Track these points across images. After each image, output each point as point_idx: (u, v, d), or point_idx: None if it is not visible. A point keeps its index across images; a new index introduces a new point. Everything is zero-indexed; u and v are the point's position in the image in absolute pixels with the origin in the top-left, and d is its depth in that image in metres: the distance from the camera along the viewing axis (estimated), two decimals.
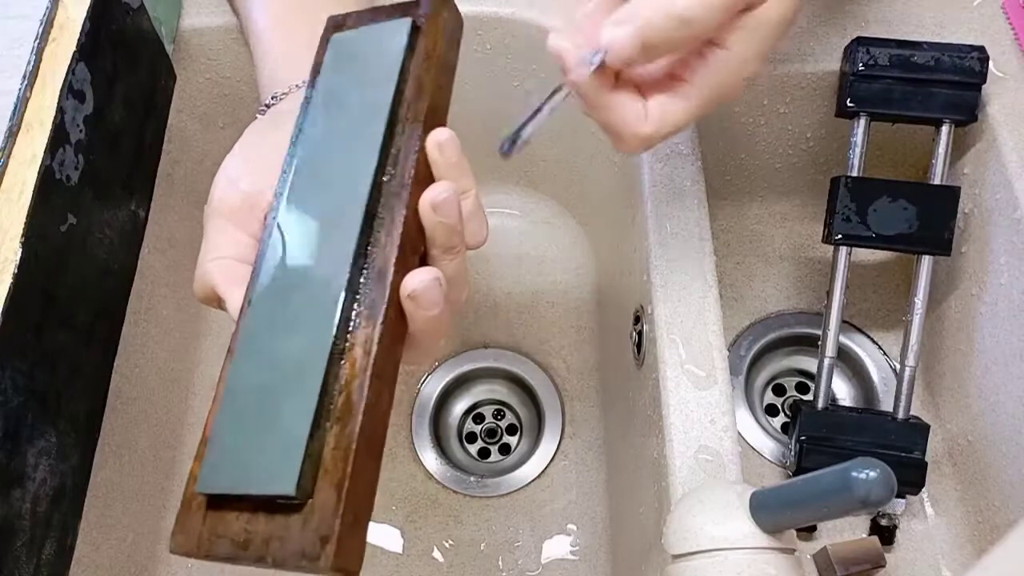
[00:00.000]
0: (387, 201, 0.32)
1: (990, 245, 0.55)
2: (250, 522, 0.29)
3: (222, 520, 0.30)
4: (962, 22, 0.58)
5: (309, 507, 0.28)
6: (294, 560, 0.28)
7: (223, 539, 0.30)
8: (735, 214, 0.70)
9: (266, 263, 0.33)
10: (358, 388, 0.29)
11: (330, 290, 0.31)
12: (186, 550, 0.30)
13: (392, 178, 0.33)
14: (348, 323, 0.31)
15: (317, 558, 0.28)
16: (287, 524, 0.28)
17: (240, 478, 0.29)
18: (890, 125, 0.57)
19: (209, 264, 0.37)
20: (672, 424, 0.45)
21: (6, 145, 0.43)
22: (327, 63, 0.37)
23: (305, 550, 0.28)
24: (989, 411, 0.56)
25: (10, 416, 0.41)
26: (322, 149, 0.35)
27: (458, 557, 0.62)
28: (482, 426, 0.68)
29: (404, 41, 0.35)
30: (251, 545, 0.29)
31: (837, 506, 0.32)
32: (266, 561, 0.29)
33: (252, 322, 0.32)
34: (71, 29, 0.47)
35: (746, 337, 0.66)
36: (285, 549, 0.28)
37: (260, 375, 0.31)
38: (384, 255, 0.31)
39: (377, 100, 0.34)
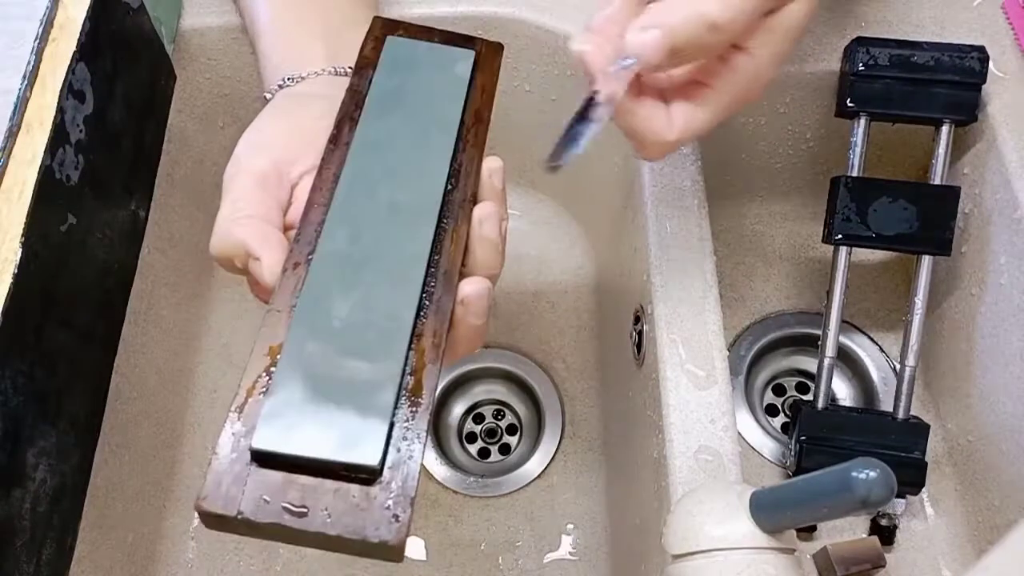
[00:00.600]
0: (451, 210, 0.35)
1: (990, 245, 0.55)
2: (308, 489, 0.28)
3: (271, 483, 0.28)
4: (962, 22, 0.58)
5: (382, 482, 0.28)
6: (364, 534, 0.27)
7: (271, 505, 0.27)
8: (735, 214, 0.70)
9: (329, 234, 0.33)
10: (429, 374, 0.30)
11: (406, 276, 0.32)
12: (222, 512, 0.27)
13: (455, 190, 0.36)
14: (420, 313, 0.32)
15: (389, 536, 0.27)
16: (359, 497, 0.28)
17: (311, 441, 0.28)
18: (890, 125, 0.57)
19: (236, 221, 0.36)
20: (672, 424, 0.45)
21: (6, 145, 0.43)
22: (384, 63, 0.39)
23: (379, 526, 0.27)
24: (989, 411, 0.56)
25: (10, 416, 0.41)
26: (386, 144, 0.36)
27: (458, 557, 0.62)
28: (482, 426, 0.68)
29: (469, 70, 0.40)
30: (308, 515, 0.27)
31: (837, 506, 0.32)
32: (323, 535, 0.27)
33: (313, 288, 0.32)
34: (71, 29, 0.47)
35: (746, 337, 0.66)
36: (352, 523, 0.27)
37: (328, 342, 0.30)
38: (450, 259, 0.34)
39: (446, 116, 0.38)
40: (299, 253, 0.33)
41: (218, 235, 0.36)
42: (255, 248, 0.35)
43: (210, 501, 0.28)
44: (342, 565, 0.62)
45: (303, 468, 0.28)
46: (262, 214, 0.36)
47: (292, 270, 0.33)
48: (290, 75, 0.43)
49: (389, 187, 0.35)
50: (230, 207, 0.37)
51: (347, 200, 0.35)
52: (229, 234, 0.36)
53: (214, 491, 0.28)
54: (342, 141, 0.37)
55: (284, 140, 0.39)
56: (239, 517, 0.27)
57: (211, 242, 0.37)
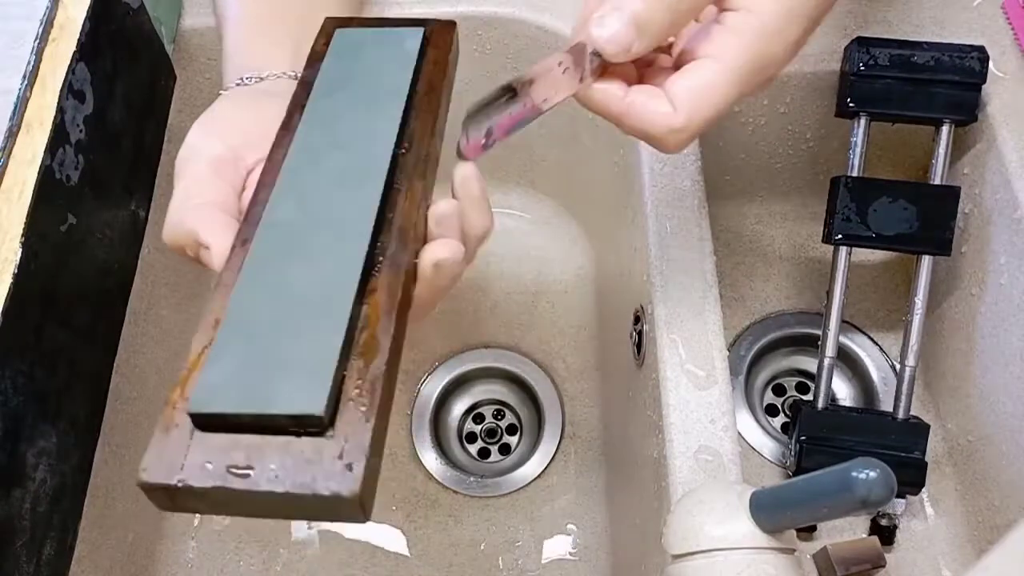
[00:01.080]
0: (404, 172, 0.34)
1: (990, 245, 0.55)
2: (253, 447, 0.26)
3: (214, 446, 0.26)
4: (962, 22, 0.58)
5: (332, 435, 0.26)
6: (314, 488, 0.25)
7: (216, 467, 0.26)
8: (735, 214, 0.70)
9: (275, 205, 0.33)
10: (384, 327, 0.29)
11: (353, 235, 0.32)
12: (163, 482, 0.26)
13: (408, 152, 0.35)
14: (372, 268, 0.31)
15: (342, 488, 0.25)
16: (308, 451, 0.26)
17: (251, 397, 0.27)
18: (890, 125, 0.57)
19: (188, 209, 0.35)
20: (672, 424, 0.45)
21: (6, 145, 0.43)
22: (333, 51, 0.39)
23: (330, 479, 0.25)
24: (989, 411, 0.56)
25: (10, 416, 0.41)
26: (333, 119, 0.36)
27: (458, 557, 0.62)
28: (482, 426, 0.68)
29: (418, 42, 0.39)
30: (254, 474, 0.26)
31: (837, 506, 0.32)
32: (272, 494, 0.25)
33: (257, 257, 0.32)
34: (71, 29, 0.47)
35: (746, 337, 0.66)
36: (301, 478, 0.25)
37: (270, 304, 0.30)
38: (404, 215, 0.33)
39: (394, 85, 0.37)
40: (247, 231, 0.33)
41: (170, 223, 0.36)
42: (204, 236, 0.34)
43: (150, 472, 0.26)
44: (342, 565, 0.62)
45: (247, 427, 0.27)
46: (216, 200, 0.36)
47: (240, 247, 0.32)
48: (250, 74, 0.42)
49: (336, 157, 0.35)
50: (182, 194, 0.36)
51: (293, 173, 0.34)
52: (181, 223, 0.35)
53: (155, 463, 0.26)
54: (292, 126, 0.37)
55: (240, 127, 0.38)
56: (180, 485, 0.26)
57: (165, 228, 0.36)
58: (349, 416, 0.27)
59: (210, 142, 0.37)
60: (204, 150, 0.37)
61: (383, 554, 0.62)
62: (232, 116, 0.39)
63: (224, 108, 0.40)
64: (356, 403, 0.27)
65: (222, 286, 0.31)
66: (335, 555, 0.62)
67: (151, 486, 0.26)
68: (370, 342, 0.29)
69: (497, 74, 0.63)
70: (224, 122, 0.39)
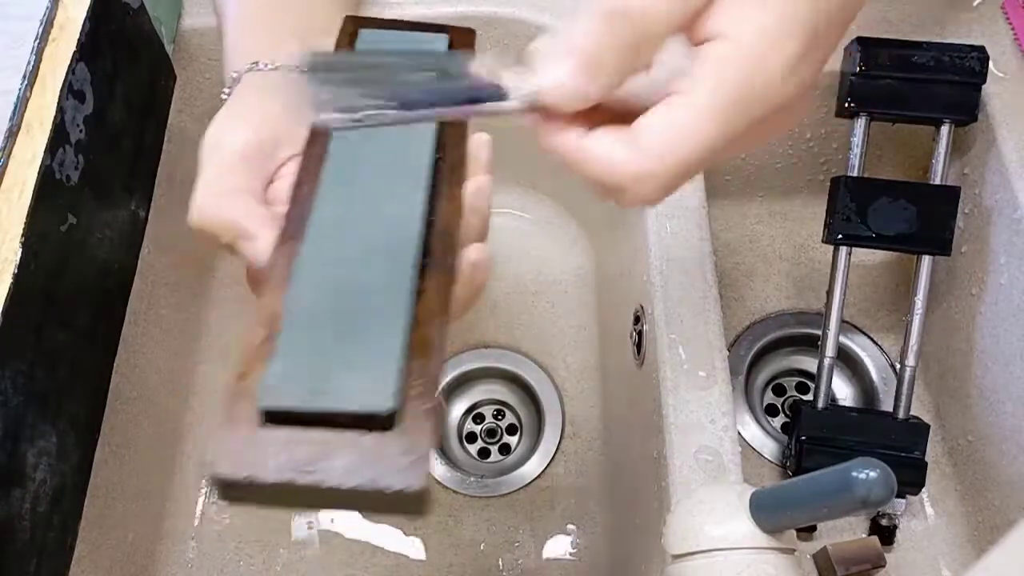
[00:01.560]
0: (443, 176, 0.35)
1: (990, 245, 0.55)
2: (320, 443, 0.27)
3: (281, 440, 0.27)
4: (962, 22, 0.58)
5: (397, 432, 0.27)
6: (382, 483, 0.26)
7: (284, 462, 0.26)
8: (735, 214, 0.70)
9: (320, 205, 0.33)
10: (436, 327, 0.30)
11: (403, 237, 0.32)
12: (232, 476, 0.26)
13: (443, 159, 0.36)
14: (422, 268, 0.32)
15: (409, 484, 0.26)
16: (374, 447, 0.26)
17: (320, 394, 0.27)
18: (890, 125, 0.57)
19: (222, 195, 0.34)
20: (672, 424, 0.45)
21: (6, 145, 0.43)
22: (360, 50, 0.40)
23: (396, 474, 0.26)
24: (989, 411, 0.56)
25: (10, 416, 0.41)
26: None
27: (458, 557, 0.62)
28: (482, 426, 0.68)
29: (445, 47, 0.40)
30: (323, 469, 0.26)
31: (837, 506, 0.32)
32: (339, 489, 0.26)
33: (309, 255, 0.32)
34: (71, 29, 0.47)
35: (746, 337, 0.66)
36: (369, 473, 0.26)
37: (328, 302, 0.30)
38: (446, 219, 0.34)
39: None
40: (292, 227, 0.33)
41: (202, 209, 0.34)
42: (250, 227, 0.34)
43: (219, 466, 0.26)
44: (342, 565, 0.62)
45: (314, 422, 0.27)
46: (248, 188, 0.35)
47: (286, 243, 0.33)
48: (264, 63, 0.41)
49: (378, 158, 0.35)
50: (213, 178, 0.35)
51: (336, 173, 0.35)
52: (217, 209, 0.34)
53: (222, 457, 0.26)
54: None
55: (270, 117, 0.38)
56: (249, 479, 0.26)
57: (193, 212, 0.35)
58: (411, 414, 0.27)
59: (240, 129, 0.37)
60: (233, 137, 0.36)
61: (383, 554, 0.62)
62: (262, 104, 0.38)
63: (252, 94, 0.39)
64: (417, 401, 0.28)
65: (274, 280, 0.31)
66: (335, 555, 0.62)
67: (221, 480, 0.26)
68: (425, 341, 0.30)
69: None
70: (254, 109, 0.38)
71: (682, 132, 0.28)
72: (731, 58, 0.28)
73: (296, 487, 0.26)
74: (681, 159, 0.28)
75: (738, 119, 0.28)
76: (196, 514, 0.63)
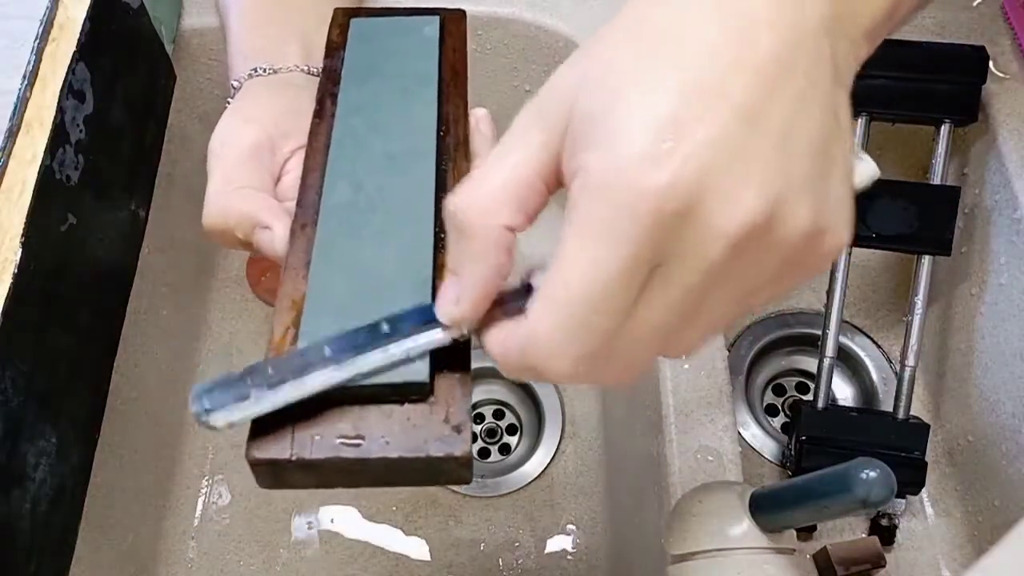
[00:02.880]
0: (448, 154, 0.35)
1: (990, 245, 0.55)
2: (360, 418, 0.26)
3: (319, 418, 0.26)
4: (962, 22, 0.58)
5: (435, 401, 0.27)
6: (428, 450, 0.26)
7: (325, 439, 0.26)
8: None
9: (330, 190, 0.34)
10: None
11: (417, 215, 0.32)
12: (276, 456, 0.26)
13: (447, 135, 0.36)
14: (439, 245, 0.32)
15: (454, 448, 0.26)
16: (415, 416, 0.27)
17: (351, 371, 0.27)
18: (890, 125, 0.57)
19: (234, 192, 0.35)
20: (672, 424, 0.45)
21: (6, 145, 0.43)
22: (353, 40, 0.40)
23: (441, 439, 0.26)
24: (989, 411, 0.56)
25: (10, 416, 0.41)
26: (370, 105, 0.37)
27: (458, 557, 0.62)
28: (482, 426, 0.68)
29: (437, 30, 0.40)
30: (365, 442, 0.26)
31: (837, 506, 0.32)
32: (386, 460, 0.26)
33: (325, 239, 0.32)
34: (71, 29, 0.47)
35: (746, 337, 0.66)
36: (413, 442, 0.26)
37: (350, 284, 0.30)
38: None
39: (422, 70, 0.38)
40: (304, 215, 0.33)
41: (216, 206, 0.35)
42: (264, 218, 0.34)
43: (261, 448, 0.26)
44: (342, 565, 0.62)
45: (350, 399, 0.27)
46: (258, 185, 0.36)
47: (300, 231, 0.33)
48: (263, 66, 0.42)
49: (381, 141, 0.35)
50: (223, 178, 0.36)
51: (342, 158, 0.35)
52: (229, 205, 0.35)
53: (261, 438, 0.26)
54: (326, 113, 0.37)
55: (274, 116, 0.38)
56: (294, 459, 0.26)
57: (206, 214, 0.35)
58: (446, 384, 0.28)
59: (246, 129, 0.37)
60: (240, 136, 0.37)
61: (383, 554, 0.62)
62: (265, 104, 0.39)
63: (252, 99, 0.40)
64: (449, 371, 0.28)
65: (292, 269, 0.31)
66: (335, 555, 0.62)
67: (262, 461, 0.26)
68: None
69: (496, 74, 0.63)
70: (258, 109, 0.39)
71: (556, 268, 0.23)
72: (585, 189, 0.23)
73: (341, 463, 0.26)
74: (519, 358, 0.24)
75: (573, 330, 0.22)
76: (196, 514, 0.63)
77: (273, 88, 0.41)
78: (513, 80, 0.63)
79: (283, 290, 0.31)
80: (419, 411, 0.27)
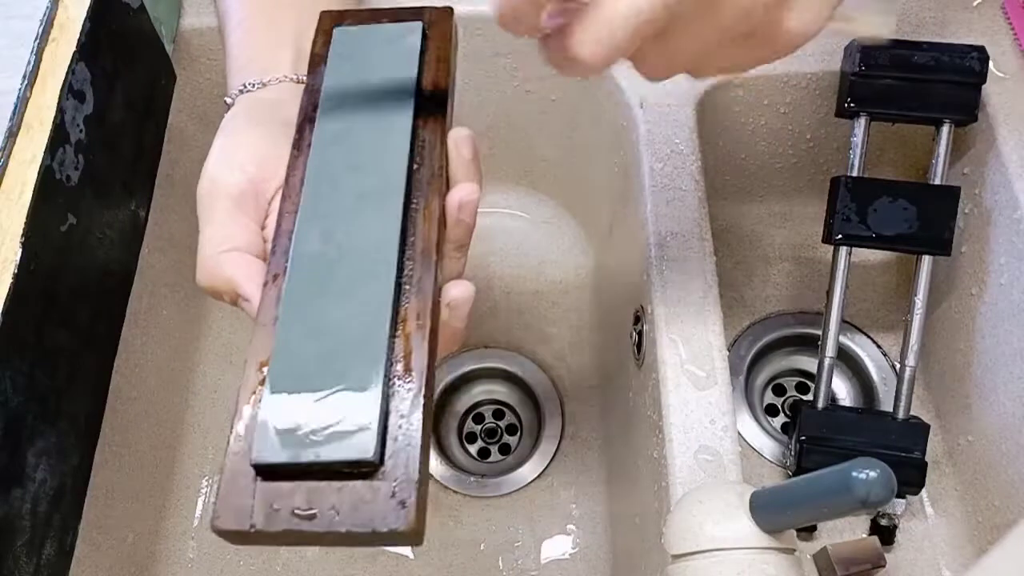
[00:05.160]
0: (420, 189, 0.34)
1: (990, 245, 0.55)
2: (313, 492, 0.28)
3: (277, 492, 0.28)
4: (962, 22, 0.58)
5: (383, 474, 0.28)
6: (372, 526, 0.27)
7: (280, 512, 0.28)
8: (735, 214, 0.70)
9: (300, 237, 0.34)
10: (417, 358, 0.31)
11: (379, 264, 0.32)
12: (236, 528, 0.28)
13: (421, 167, 0.35)
14: (400, 295, 0.32)
15: (398, 524, 0.27)
16: (361, 490, 0.28)
17: (307, 446, 0.29)
18: (890, 125, 0.57)
19: (222, 255, 0.36)
20: (672, 424, 0.45)
21: (6, 145, 0.43)
22: (334, 55, 0.39)
23: (386, 516, 0.28)
24: (989, 411, 0.56)
25: (10, 416, 0.41)
26: (344, 135, 0.36)
27: (458, 557, 0.62)
28: (482, 426, 0.68)
29: (418, 41, 0.38)
30: (317, 516, 0.28)
31: (837, 506, 0.32)
32: (335, 533, 0.28)
33: (292, 295, 0.32)
34: (71, 29, 0.47)
35: (746, 337, 0.66)
36: (360, 517, 0.28)
37: (311, 345, 0.31)
38: (426, 237, 0.33)
39: (400, 89, 0.37)
40: (276, 264, 0.33)
41: (206, 269, 0.36)
42: (244, 288, 0.35)
43: (224, 519, 0.28)
44: (342, 564, 0.62)
45: (305, 473, 0.29)
46: (246, 244, 0.36)
47: (272, 282, 0.33)
48: (253, 80, 0.42)
49: (353, 178, 0.35)
50: (212, 239, 0.36)
51: (314, 201, 0.35)
52: (218, 270, 0.36)
53: (225, 510, 0.28)
54: (304, 144, 0.37)
55: (258, 156, 0.38)
56: (253, 530, 0.28)
57: (198, 275, 0.36)
58: (396, 452, 0.29)
59: (231, 175, 0.38)
60: (225, 185, 0.37)
61: (383, 554, 0.62)
62: (248, 143, 0.39)
63: (238, 134, 0.40)
64: (402, 440, 0.29)
65: (261, 326, 0.32)
66: (335, 555, 0.62)
67: (226, 532, 0.28)
68: (405, 374, 0.30)
69: (497, 74, 0.63)
70: (242, 150, 0.39)
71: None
72: None
73: (296, 533, 0.28)
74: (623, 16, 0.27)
75: None
76: (196, 514, 0.63)
77: (259, 112, 0.41)
78: (513, 80, 0.63)
79: (251, 348, 0.31)
80: (369, 486, 0.28)
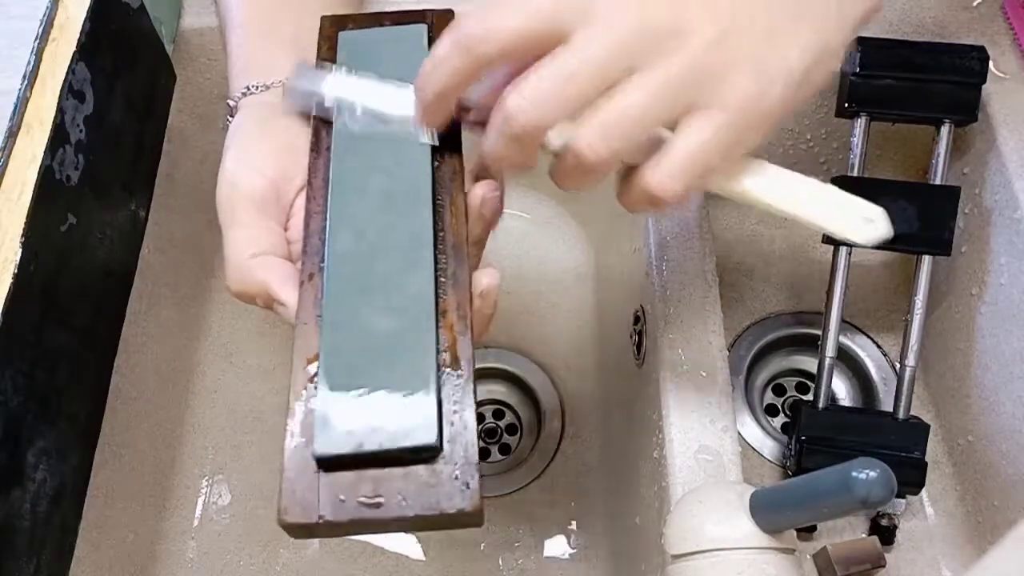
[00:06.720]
0: (444, 186, 0.35)
1: (990, 245, 0.55)
2: (379, 480, 0.29)
3: (342, 483, 0.29)
4: (962, 22, 0.58)
5: (444, 458, 0.29)
6: (440, 508, 0.28)
7: (347, 503, 0.29)
8: (735, 214, 0.70)
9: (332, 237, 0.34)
10: (462, 347, 0.32)
11: (416, 259, 0.33)
12: (304, 521, 0.29)
13: (442, 165, 0.36)
14: (439, 289, 0.33)
15: (465, 504, 0.29)
16: (425, 475, 0.29)
17: (369, 436, 0.29)
18: (890, 125, 0.57)
19: (252, 260, 0.36)
20: (672, 424, 0.45)
21: (6, 145, 0.43)
22: (342, 60, 0.39)
23: (452, 497, 0.29)
24: (989, 411, 0.56)
25: (10, 416, 0.41)
26: (364, 137, 0.37)
27: (458, 557, 0.62)
28: (482, 426, 0.68)
29: (425, 43, 0.39)
30: (384, 503, 0.29)
31: (837, 506, 0.32)
32: (404, 518, 0.28)
33: (333, 294, 0.33)
34: (71, 29, 0.47)
35: (746, 337, 0.66)
36: (427, 500, 0.28)
37: (359, 341, 0.31)
38: (454, 232, 0.34)
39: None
40: (311, 264, 0.34)
41: (237, 274, 0.36)
42: (279, 293, 0.35)
43: (291, 513, 0.29)
44: (342, 564, 0.62)
45: (368, 462, 0.29)
46: (272, 247, 0.36)
47: (308, 281, 0.34)
48: (255, 83, 0.42)
49: (377, 178, 0.35)
50: (239, 245, 0.36)
51: (341, 201, 0.35)
52: (250, 275, 0.36)
53: (291, 503, 0.29)
54: (322, 147, 0.37)
55: (275, 159, 0.38)
56: (321, 521, 0.29)
57: (229, 281, 0.37)
58: (455, 437, 0.30)
59: (251, 179, 0.38)
60: (246, 189, 0.37)
61: (383, 554, 0.62)
62: (264, 146, 0.39)
63: (253, 137, 0.40)
64: (458, 425, 0.30)
65: (303, 325, 0.33)
66: (335, 555, 0.62)
67: (292, 525, 0.29)
68: (454, 363, 0.31)
69: None
70: (258, 154, 0.39)
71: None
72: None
73: (364, 521, 0.29)
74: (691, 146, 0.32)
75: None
76: (196, 514, 0.63)
77: (266, 122, 0.41)
78: None
79: (297, 346, 0.32)
80: (432, 470, 0.29)
